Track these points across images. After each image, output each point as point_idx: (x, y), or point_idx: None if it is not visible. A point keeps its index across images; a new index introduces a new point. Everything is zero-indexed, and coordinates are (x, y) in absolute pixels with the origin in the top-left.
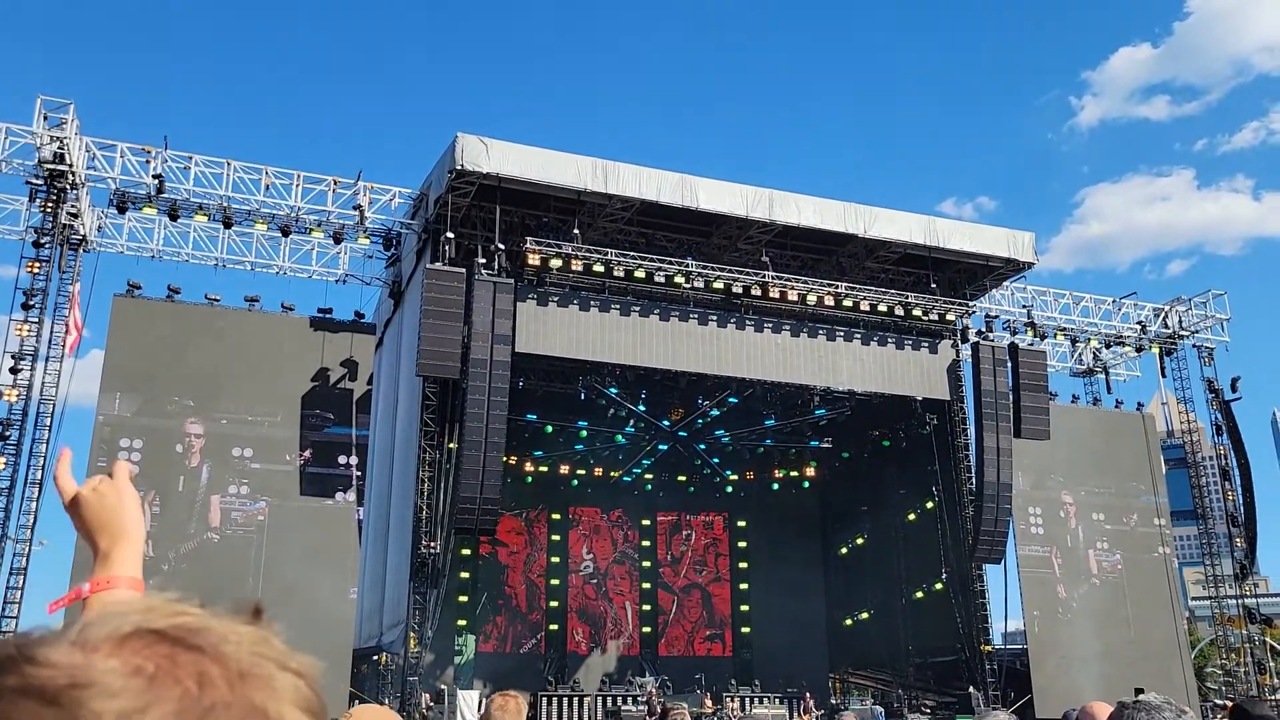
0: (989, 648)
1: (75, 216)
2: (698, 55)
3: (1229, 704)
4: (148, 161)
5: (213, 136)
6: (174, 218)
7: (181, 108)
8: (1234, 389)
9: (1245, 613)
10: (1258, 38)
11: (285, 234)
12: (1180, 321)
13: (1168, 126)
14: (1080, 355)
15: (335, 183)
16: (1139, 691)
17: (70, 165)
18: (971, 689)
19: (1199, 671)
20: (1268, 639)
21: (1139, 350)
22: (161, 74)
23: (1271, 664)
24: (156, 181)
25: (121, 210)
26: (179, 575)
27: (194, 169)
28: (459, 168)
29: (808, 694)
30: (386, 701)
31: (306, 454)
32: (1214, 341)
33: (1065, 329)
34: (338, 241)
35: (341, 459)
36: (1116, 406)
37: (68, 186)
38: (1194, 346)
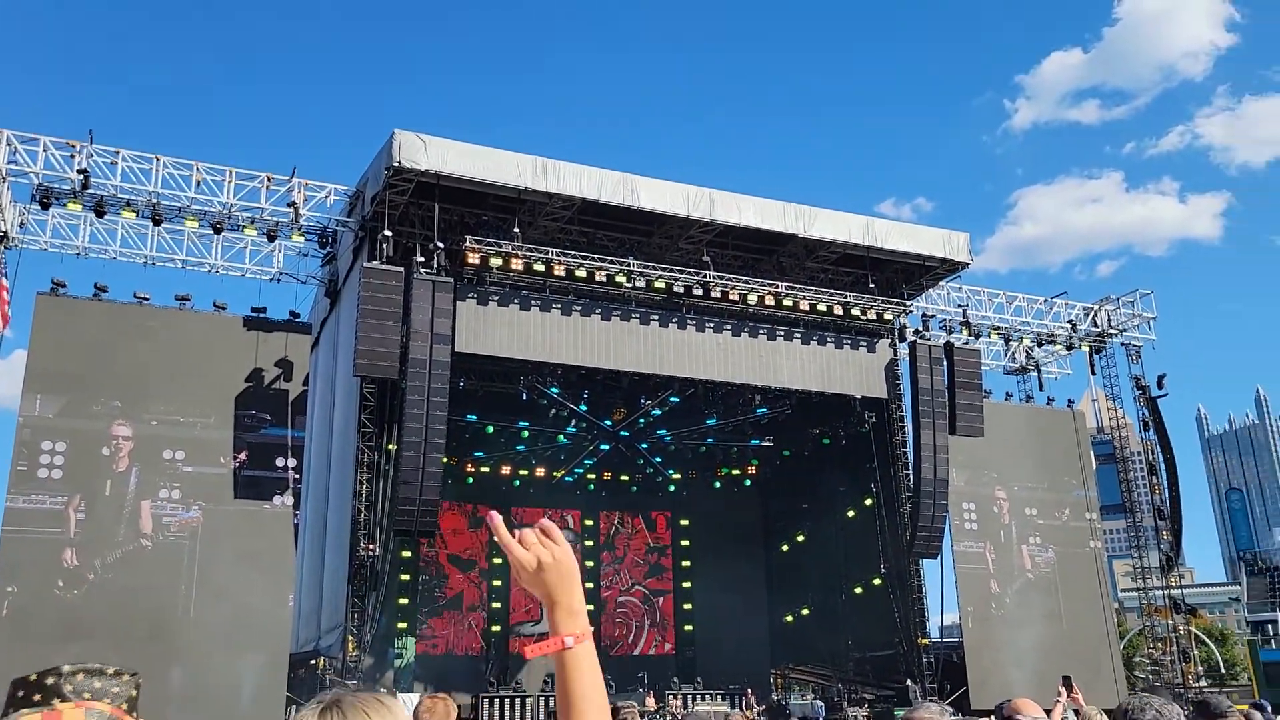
0: (926, 641)
1: None
2: (638, 56)
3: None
4: (72, 156)
5: (140, 131)
6: (100, 214)
7: (107, 102)
8: (1160, 386)
9: (1171, 603)
10: (1183, 44)
11: (217, 231)
12: (1109, 320)
13: (1098, 130)
14: (1013, 354)
15: (269, 179)
16: (1066, 680)
17: None
18: (909, 682)
19: (1128, 661)
20: (1193, 628)
21: (1069, 348)
22: (86, 67)
23: (1196, 652)
24: (81, 177)
25: (45, 206)
26: (106, 585)
27: (121, 164)
28: (396, 165)
29: (749, 690)
30: None
31: (242, 456)
32: (1141, 340)
33: (999, 328)
34: (271, 239)
35: (279, 461)
36: (1048, 404)
37: None
38: (1122, 344)
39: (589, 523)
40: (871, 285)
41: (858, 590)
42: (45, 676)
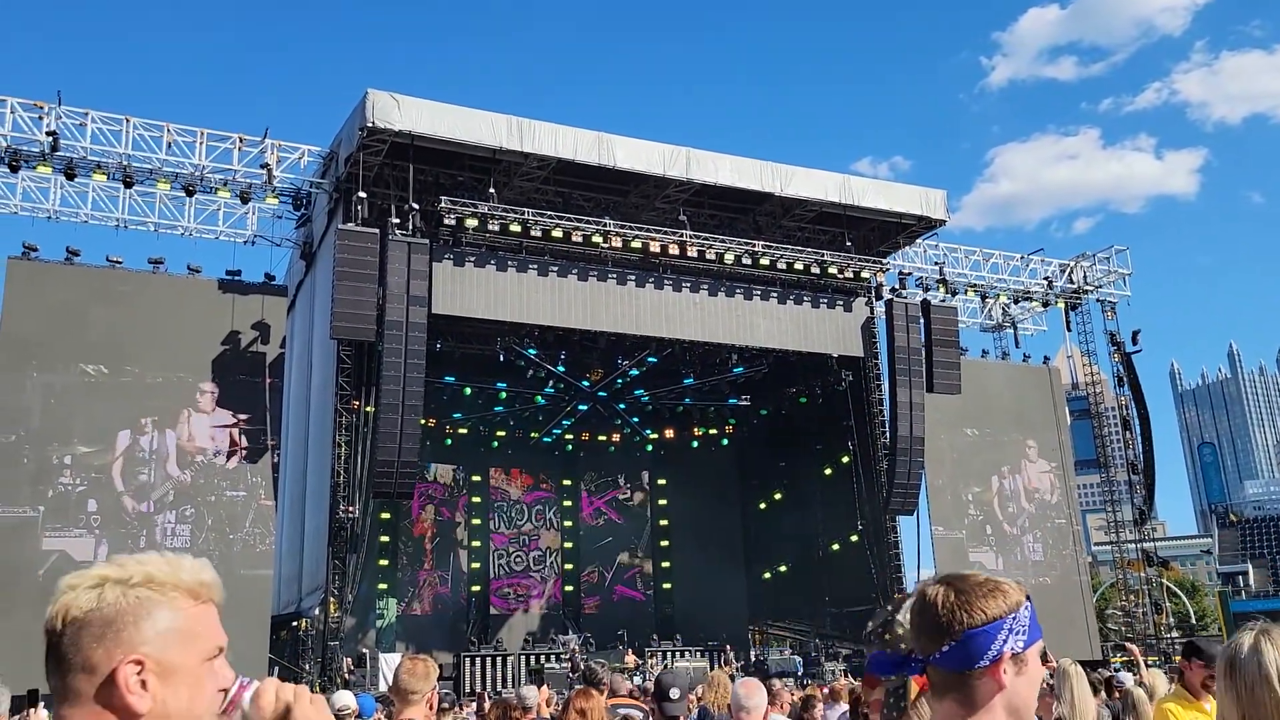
0: (902, 596)
1: None
2: (613, 11)
3: (1125, 644)
4: (40, 118)
5: (109, 92)
6: (70, 177)
7: (74, 61)
8: (1135, 342)
9: (1144, 556)
10: None
11: (189, 194)
12: (1085, 276)
13: (1074, 87)
14: (990, 311)
15: (241, 140)
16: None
17: None
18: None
19: (1100, 613)
20: (1164, 581)
21: (1045, 305)
22: (52, 26)
23: (1168, 604)
24: (50, 139)
25: (14, 169)
26: None
27: (90, 126)
28: (370, 125)
29: (727, 647)
30: (307, 667)
31: (220, 418)
32: (1116, 296)
33: (975, 285)
34: (245, 201)
35: (258, 424)
36: (1024, 360)
37: None
38: (1097, 301)
39: (567, 483)
40: (848, 244)
41: (835, 547)
42: None
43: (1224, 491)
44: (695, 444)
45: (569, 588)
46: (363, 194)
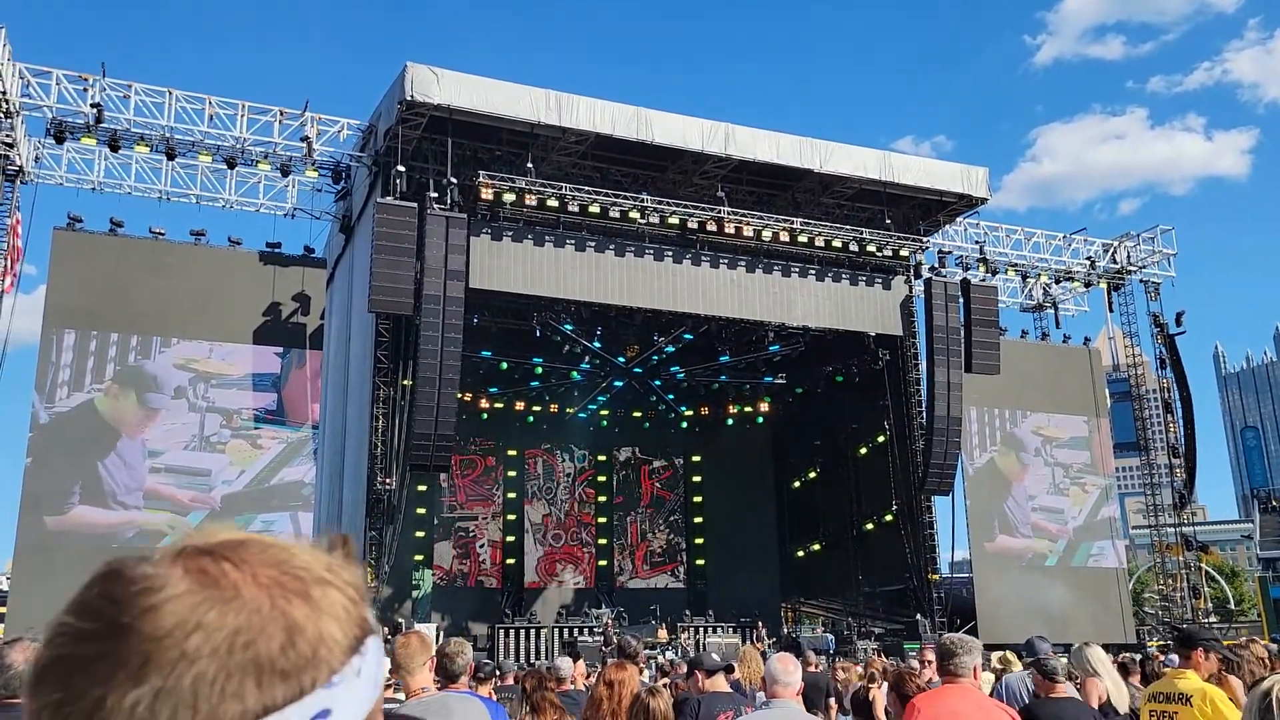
0: (936, 577)
1: (10, 146)
2: None
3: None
4: (85, 90)
5: (152, 64)
6: (114, 149)
7: (118, 33)
8: (1178, 323)
9: (1183, 540)
10: None
11: (231, 166)
12: (1128, 257)
13: (1121, 66)
14: (1030, 290)
15: (281, 113)
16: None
17: (3, 93)
18: (919, 616)
19: (1136, 597)
20: (1203, 565)
21: (1088, 285)
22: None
23: (1206, 589)
24: (95, 111)
25: (59, 140)
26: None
27: (134, 98)
28: (409, 99)
29: (760, 624)
30: None
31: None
32: (1160, 277)
33: (1016, 265)
34: (285, 174)
35: (299, 393)
36: (1064, 341)
37: (1, 115)
38: (1141, 282)
39: (602, 458)
40: (888, 221)
41: (869, 526)
42: None
43: (1266, 476)
44: (730, 422)
45: (602, 562)
46: (401, 168)
